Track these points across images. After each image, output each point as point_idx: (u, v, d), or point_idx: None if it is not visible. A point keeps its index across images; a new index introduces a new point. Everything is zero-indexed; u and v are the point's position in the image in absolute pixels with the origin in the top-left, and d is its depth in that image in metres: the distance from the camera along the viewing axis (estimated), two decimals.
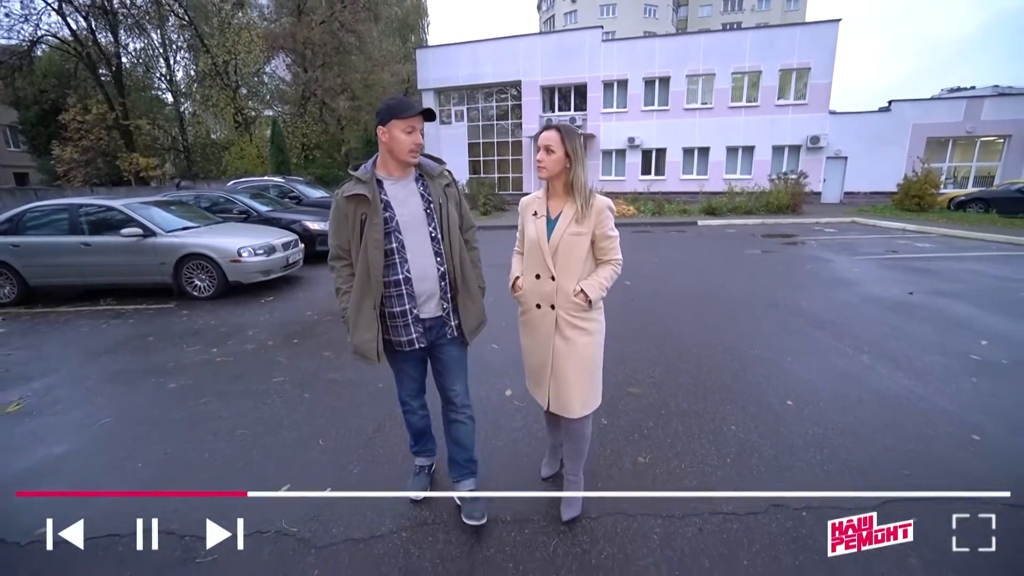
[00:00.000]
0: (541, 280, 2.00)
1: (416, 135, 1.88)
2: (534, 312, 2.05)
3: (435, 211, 1.99)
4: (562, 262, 1.96)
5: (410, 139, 1.86)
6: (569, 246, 1.94)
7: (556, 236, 1.95)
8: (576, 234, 1.93)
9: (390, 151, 1.90)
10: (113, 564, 2.00)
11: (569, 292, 1.96)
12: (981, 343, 4.13)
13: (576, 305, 1.97)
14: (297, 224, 8.71)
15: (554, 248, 1.95)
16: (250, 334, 4.93)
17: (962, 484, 2.32)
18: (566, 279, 1.96)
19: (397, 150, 1.88)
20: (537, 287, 2.02)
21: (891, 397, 3.23)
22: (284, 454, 2.77)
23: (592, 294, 1.95)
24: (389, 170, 1.96)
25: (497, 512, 2.22)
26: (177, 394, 3.60)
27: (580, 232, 1.93)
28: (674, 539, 2.05)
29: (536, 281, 2.02)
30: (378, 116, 1.88)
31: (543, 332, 2.03)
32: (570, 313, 1.98)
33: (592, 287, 1.95)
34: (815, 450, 2.65)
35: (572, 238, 1.94)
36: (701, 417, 3.04)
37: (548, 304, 2.00)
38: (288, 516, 2.24)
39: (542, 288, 2.01)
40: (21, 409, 3.42)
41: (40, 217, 6.48)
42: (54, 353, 4.57)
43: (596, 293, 1.96)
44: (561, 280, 1.97)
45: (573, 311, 1.98)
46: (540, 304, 2.03)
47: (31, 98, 22.94)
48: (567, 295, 1.97)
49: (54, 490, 2.50)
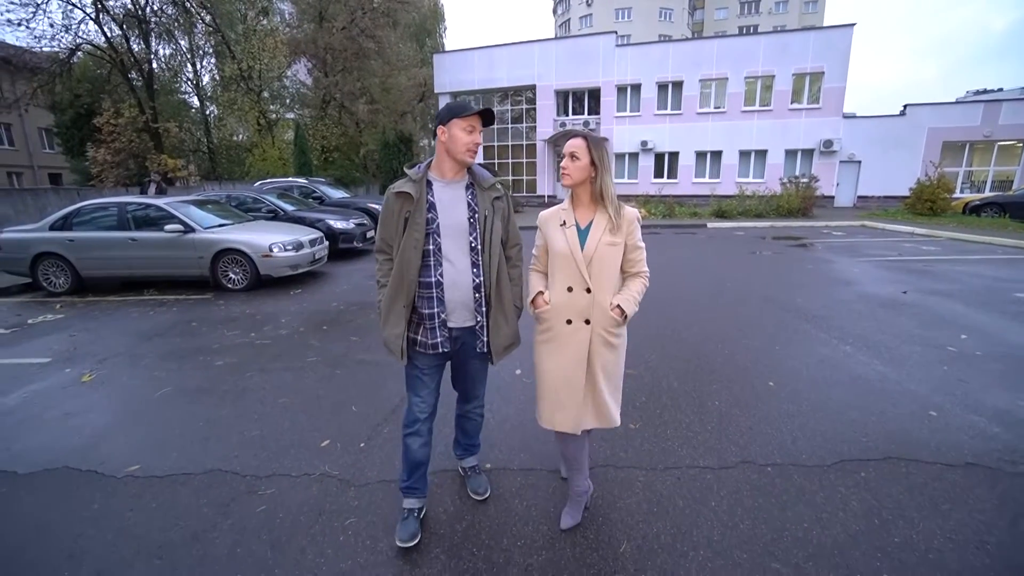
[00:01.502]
0: (574, 293, 1.89)
1: (476, 135, 1.89)
2: (562, 329, 1.92)
3: (479, 222, 1.96)
4: (597, 273, 1.87)
5: (469, 138, 1.88)
6: (604, 256, 1.87)
7: (591, 246, 1.87)
8: (611, 244, 1.87)
9: (448, 150, 1.91)
10: (191, 493, 2.44)
11: (606, 306, 1.87)
12: (961, 337, 4.41)
13: (612, 320, 1.88)
14: (321, 223, 9.22)
15: (589, 258, 1.87)
16: (283, 321, 5.41)
17: (911, 451, 2.66)
18: (602, 292, 1.88)
19: (455, 148, 1.89)
20: (570, 301, 1.90)
21: (864, 381, 3.56)
22: (322, 417, 3.20)
23: (628, 309, 1.87)
24: (443, 171, 1.97)
25: (505, 463, 2.62)
26: (224, 370, 4.07)
27: (615, 242, 1.88)
28: (654, 485, 2.43)
29: (568, 294, 1.90)
30: (438, 117, 1.94)
31: (573, 350, 1.91)
32: (606, 329, 1.89)
33: (627, 301, 1.87)
34: (787, 421, 3.00)
35: (608, 248, 1.87)
36: (688, 394, 3.40)
37: (582, 319, 1.89)
38: (330, 463, 2.67)
39: (576, 302, 1.89)
40: (93, 380, 3.92)
41: (91, 214, 7.06)
42: (112, 335, 5.09)
43: (632, 308, 1.88)
44: (597, 293, 1.87)
45: (609, 326, 1.89)
46: (571, 320, 1.90)
47: (66, 102, 24.00)
48: (604, 309, 1.87)
49: (133, 440, 2.97)
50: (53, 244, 6.82)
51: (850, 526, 2.10)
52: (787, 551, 1.98)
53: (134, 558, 2.03)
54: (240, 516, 2.27)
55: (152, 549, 2.08)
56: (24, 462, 2.74)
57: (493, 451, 2.74)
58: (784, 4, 51.78)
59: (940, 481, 2.39)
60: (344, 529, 2.17)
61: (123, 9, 20.67)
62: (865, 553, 1.95)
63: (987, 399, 3.21)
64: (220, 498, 2.41)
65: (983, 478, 2.40)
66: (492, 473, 2.54)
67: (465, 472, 2.48)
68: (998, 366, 3.75)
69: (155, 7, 21.42)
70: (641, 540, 2.06)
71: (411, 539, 2.04)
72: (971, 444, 2.70)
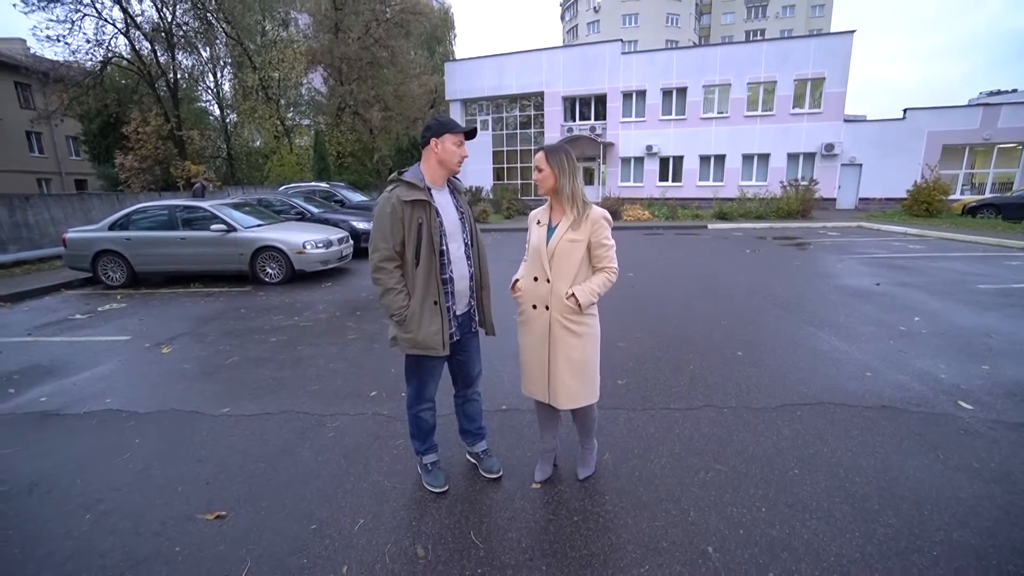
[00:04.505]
0: (538, 283, 2.18)
1: (464, 148, 2.19)
2: (531, 312, 2.23)
3: (466, 221, 2.30)
4: (557, 266, 2.13)
5: (460, 151, 2.17)
6: (564, 251, 2.12)
7: (553, 242, 2.13)
8: (572, 240, 2.11)
9: (441, 160, 2.17)
10: (274, 426, 3.17)
11: (562, 294, 2.12)
12: (914, 319, 5.04)
13: (568, 308, 2.12)
14: (345, 223, 10.00)
15: (551, 253, 2.13)
16: (320, 308, 6.17)
17: (841, 398, 3.32)
18: (560, 282, 2.13)
19: (449, 159, 2.16)
20: (534, 289, 2.20)
21: (819, 352, 4.22)
22: (368, 376, 3.93)
23: (582, 298, 2.09)
24: (435, 180, 2.20)
25: (515, 403, 3.32)
26: (278, 345, 4.82)
27: (576, 239, 2.11)
28: (633, 420, 3.11)
29: (534, 283, 2.20)
30: (430, 131, 2.15)
31: (538, 331, 2.22)
32: (563, 315, 2.14)
33: (583, 292, 2.10)
34: (747, 379, 3.67)
35: (568, 244, 2.11)
36: (668, 361, 4.09)
37: (543, 305, 2.17)
38: (378, 406, 3.39)
39: (538, 290, 2.19)
40: (172, 352, 4.68)
41: (145, 216, 7.89)
42: (174, 319, 5.87)
43: (586, 298, 2.10)
44: (555, 283, 2.13)
45: (565, 313, 2.14)
46: (536, 305, 2.20)
47: (94, 112, 25.20)
48: (560, 297, 2.13)
49: (218, 392, 3.71)
50: (113, 243, 7.66)
51: (779, 444, 2.78)
52: (727, 458, 2.66)
53: (243, 462, 2.76)
54: (315, 439, 2.99)
55: (255, 457, 2.81)
56: (141, 406, 3.51)
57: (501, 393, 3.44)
58: (791, 8, 52.20)
59: (857, 417, 3.05)
60: (396, 447, 2.88)
61: (150, 23, 21.78)
62: (786, 460, 2.63)
63: (916, 364, 3.86)
64: (297, 428, 3.14)
65: (891, 415, 3.06)
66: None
67: (478, 456, 2.62)
68: (937, 341, 4.38)
69: (180, 20, 22.50)
70: (619, 452, 2.76)
71: (445, 484, 2.46)
72: (890, 394, 3.36)
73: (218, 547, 2.11)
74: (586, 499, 2.37)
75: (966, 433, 2.84)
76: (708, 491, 2.39)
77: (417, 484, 2.51)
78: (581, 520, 2.22)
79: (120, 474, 2.69)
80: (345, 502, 2.39)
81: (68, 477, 2.67)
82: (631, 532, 2.13)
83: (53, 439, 3.10)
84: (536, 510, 2.31)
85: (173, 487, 2.55)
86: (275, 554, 2.06)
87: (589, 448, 2.55)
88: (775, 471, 2.53)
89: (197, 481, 2.60)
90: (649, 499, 2.35)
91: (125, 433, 3.14)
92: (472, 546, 2.08)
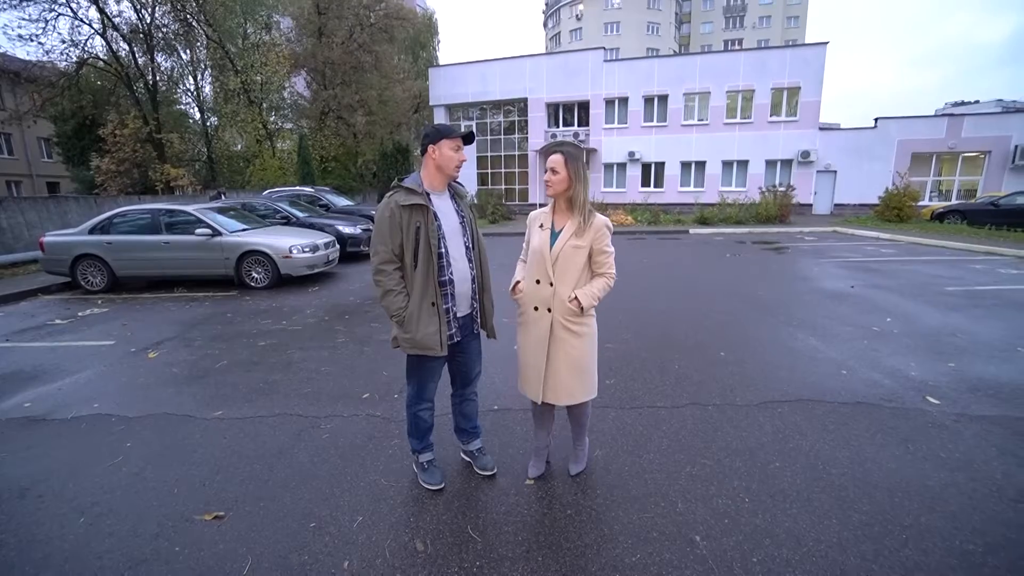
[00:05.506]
0: (541, 285, 2.25)
1: (461, 152, 2.22)
2: (531, 314, 2.29)
3: (467, 224, 2.33)
4: (561, 270, 2.20)
5: (457, 156, 2.21)
6: (568, 256, 2.19)
7: (558, 247, 2.19)
8: (575, 247, 2.18)
9: (439, 166, 2.21)
10: (268, 428, 3.19)
11: (565, 297, 2.20)
12: (887, 320, 5.27)
13: (570, 310, 2.20)
14: (331, 228, 9.98)
15: (555, 257, 2.19)
16: (308, 312, 6.16)
17: (819, 395, 3.48)
18: (563, 285, 2.21)
19: (446, 165, 2.21)
20: (537, 291, 2.26)
21: (797, 351, 4.39)
22: (360, 379, 3.96)
23: (584, 301, 2.18)
24: (434, 185, 2.25)
25: (507, 403, 3.40)
26: (268, 349, 4.81)
27: (579, 245, 2.18)
28: (622, 418, 3.21)
29: (536, 286, 2.26)
30: (428, 138, 2.20)
31: (539, 332, 2.27)
32: (564, 317, 2.22)
33: (585, 295, 2.19)
34: (730, 378, 3.81)
35: (572, 249, 2.18)
36: (654, 361, 4.21)
37: (545, 307, 2.24)
38: (372, 408, 3.43)
39: (541, 292, 2.25)
40: (158, 356, 4.64)
41: (126, 219, 7.77)
42: (159, 324, 5.80)
43: (588, 301, 2.19)
44: (559, 286, 2.21)
45: (567, 315, 2.22)
46: (538, 307, 2.26)
47: (68, 113, 24.59)
48: (563, 300, 2.20)
49: (209, 396, 3.71)
50: (93, 246, 7.52)
51: (761, 439, 2.91)
52: (712, 452, 2.78)
53: (239, 464, 2.78)
54: (311, 440, 3.03)
55: (251, 459, 2.83)
56: (131, 410, 3.49)
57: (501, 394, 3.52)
58: (767, 19, 53.72)
59: (834, 413, 3.21)
60: (391, 447, 2.93)
61: (129, 25, 21.40)
62: (768, 453, 2.75)
63: (888, 362, 4.05)
64: (292, 430, 3.16)
65: (865, 410, 3.23)
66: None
67: (472, 455, 2.69)
68: (908, 340, 4.59)
69: (160, 22, 22.15)
70: (609, 448, 2.86)
71: (441, 482, 2.50)
72: (864, 391, 3.53)
73: (218, 546, 2.14)
74: (579, 494, 2.45)
75: (933, 426, 3.01)
76: (694, 484, 2.50)
77: (413, 482, 2.57)
78: (574, 513, 2.31)
79: (113, 477, 2.68)
80: (343, 501, 2.44)
81: (60, 481, 2.66)
82: (622, 524, 2.23)
83: (42, 444, 3.07)
84: (531, 505, 2.39)
85: (169, 489, 2.56)
86: (276, 552, 2.10)
87: (581, 445, 2.63)
88: (757, 464, 2.65)
89: (193, 483, 2.62)
90: (639, 492, 2.45)
91: (116, 437, 3.12)
92: (470, 540, 2.15)
